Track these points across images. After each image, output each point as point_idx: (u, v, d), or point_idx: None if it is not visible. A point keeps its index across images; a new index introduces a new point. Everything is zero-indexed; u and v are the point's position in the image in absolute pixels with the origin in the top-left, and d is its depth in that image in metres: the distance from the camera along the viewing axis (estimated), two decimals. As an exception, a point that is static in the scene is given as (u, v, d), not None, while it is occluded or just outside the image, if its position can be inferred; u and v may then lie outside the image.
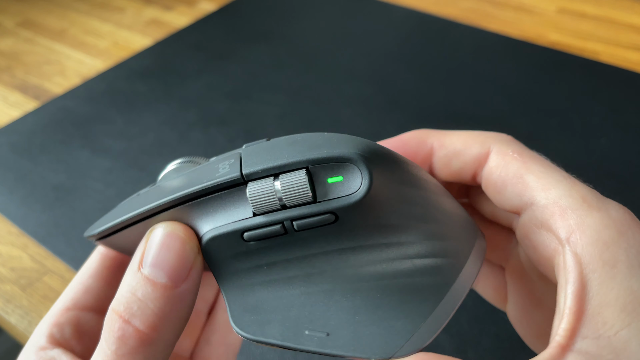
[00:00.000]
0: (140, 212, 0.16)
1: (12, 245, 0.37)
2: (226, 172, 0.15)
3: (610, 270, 0.13)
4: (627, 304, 0.13)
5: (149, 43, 0.59)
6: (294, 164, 0.14)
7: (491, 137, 0.17)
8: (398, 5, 0.64)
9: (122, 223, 0.17)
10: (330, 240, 0.15)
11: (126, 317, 0.15)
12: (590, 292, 0.13)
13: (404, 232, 0.15)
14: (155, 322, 0.15)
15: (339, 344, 0.14)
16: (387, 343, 0.14)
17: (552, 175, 0.15)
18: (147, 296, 0.15)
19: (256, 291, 0.16)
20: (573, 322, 0.13)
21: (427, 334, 0.14)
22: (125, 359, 0.14)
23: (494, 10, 0.63)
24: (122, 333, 0.15)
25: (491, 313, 0.31)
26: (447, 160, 0.18)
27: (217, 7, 0.66)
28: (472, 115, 0.47)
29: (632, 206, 0.15)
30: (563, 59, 0.54)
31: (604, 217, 0.14)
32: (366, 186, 0.14)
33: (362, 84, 0.51)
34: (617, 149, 0.43)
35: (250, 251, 0.15)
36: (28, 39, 0.61)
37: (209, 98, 0.50)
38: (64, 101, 0.50)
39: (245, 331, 0.15)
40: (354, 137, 0.15)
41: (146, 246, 0.15)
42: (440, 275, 0.15)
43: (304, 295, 0.15)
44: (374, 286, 0.15)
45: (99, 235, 0.18)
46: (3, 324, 0.34)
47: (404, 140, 0.19)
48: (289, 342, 0.14)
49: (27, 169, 0.43)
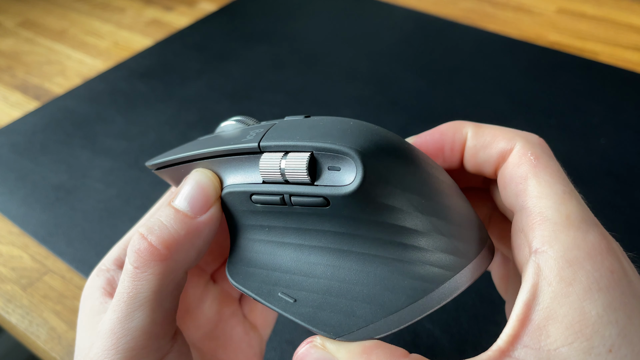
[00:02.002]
0: (186, 155, 0.19)
1: (12, 245, 0.37)
2: (250, 139, 0.17)
3: (566, 288, 0.13)
4: (574, 323, 0.13)
5: (150, 43, 0.60)
6: (301, 146, 0.16)
7: (519, 136, 0.18)
8: (398, 5, 0.64)
9: (173, 161, 0.20)
10: (323, 222, 0.16)
11: (145, 234, 0.17)
12: (540, 304, 0.14)
13: (396, 232, 0.15)
14: (169, 242, 0.17)
15: (299, 311, 0.16)
16: (341, 325, 0.15)
17: (552, 186, 0.16)
18: (168, 219, 0.17)
19: (255, 246, 0.18)
20: (517, 329, 0.14)
21: (384, 327, 0.15)
22: (139, 270, 0.17)
23: (494, 11, 0.63)
24: (138, 247, 0.17)
25: (491, 313, 0.31)
26: (475, 151, 0.19)
27: (217, 7, 0.66)
28: (472, 115, 0.47)
29: (631, 206, 0.15)
30: (562, 59, 0.54)
31: (579, 237, 0.14)
32: (358, 181, 0.15)
33: (362, 84, 0.51)
34: (616, 149, 0.43)
35: (256, 211, 0.17)
36: (29, 39, 0.61)
37: (209, 98, 0.50)
38: (64, 101, 0.51)
39: (232, 277, 0.18)
40: (371, 132, 0.16)
41: (181, 185, 0.18)
42: (424, 282, 0.15)
43: (291, 262, 0.17)
44: (354, 272, 0.16)
45: (156, 166, 0.21)
46: (3, 324, 0.34)
47: (441, 130, 0.19)
48: (260, 297, 0.17)
49: (28, 169, 0.43)
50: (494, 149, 0.18)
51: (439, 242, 0.15)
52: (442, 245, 0.16)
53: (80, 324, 0.19)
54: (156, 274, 0.17)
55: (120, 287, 0.17)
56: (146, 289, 0.17)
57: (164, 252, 0.17)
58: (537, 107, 0.47)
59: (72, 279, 0.35)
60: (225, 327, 0.23)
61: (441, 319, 0.31)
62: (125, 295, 0.17)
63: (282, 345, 0.30)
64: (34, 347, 0.32)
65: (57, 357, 0.31)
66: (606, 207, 0.37)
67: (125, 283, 0.17)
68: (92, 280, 0.20)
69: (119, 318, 0.17)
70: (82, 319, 0.19)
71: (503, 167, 0.17)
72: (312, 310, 0.16)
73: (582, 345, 0.13)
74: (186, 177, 0.19)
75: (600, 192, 0.39)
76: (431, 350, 0.30)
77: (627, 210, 0.37)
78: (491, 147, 0.18)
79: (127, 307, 0.17)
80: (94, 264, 0.35)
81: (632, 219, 0.37)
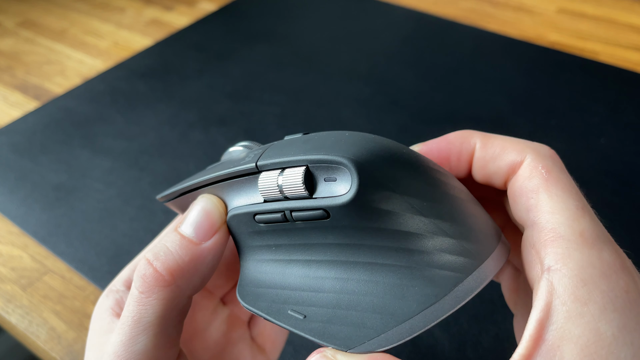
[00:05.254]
0: (192, 184, 0.20)
1: (12, 245, 0.37)
2: (248, 160, 0.17)
3: (581, 308, 0.13)
4: (590, 344, 0.13)
5: (149, 43, 0.59)
6: (295, 161, 0.16)
7: (530, 148, 0.17)
8: (398, 5, 0.64)
9: (181, 190, 0.21)
10: (326, 235, 0.16)
11: (151, 260, 0.17)
12: (554, 323, 0.13)
13: (400, 238, 0.15)
14: (174, 268, 0.17)
15: (309, 327, 0.16)
16: (352, 337, 0.15)
17: (565, 201, 0.15)
18: (173, 245, 0.18)
19: (262, 267, 0.18)
20: (530, 349, 0.13)
21: (395, 336, 0.15)
22: (143, 295, 0.17)
23: (494, 11, 0.63)
24: (144, 272, 0.17)
25: (491, 313, 0.31)
26: (484, 162, 0.18)
27: (217, 7, 0.66)
28: (472, 115, 0.47)
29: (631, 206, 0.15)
30: (563, 59, 0.54)
31: (593, 255, 0.14)
32: (354, 189, 0.14)
33: (362, 84, 0.51)
34: (616, 149, 0.43)
35: (261, 231, 0.18)
36: (28, 39, 0.61)
37: (209, 98, 0.50)
38: (64, 101, 0.51)
39: (243, 299, 0.18)
40: (367, 140, 0.16)
41: (188, 211, 0.19)
42: (434, 287, 0.15)
43: (299, 279, 0.17)
44: (362, 283, 0.16)
45: (166, 198, 0.22)
46: (3, 324, 0.34)
47: (448, 139, 0.19)
48: (270, 316, 0.17)
49: (28, 168, 0.43)
50: (503, 161, 0.17)
51: (445, 244, 0.15)
52: (450, 248, 0.15)
53: (89, 344, 0.20)
54: (160, 299, 0.17)
55: (125, 311, 0.18)
56: (150, 313, 0.17)
57: (168, 278, 0.17)
58: (537, 107, 0.47)
59: (72, 279, 0.35)
60: (233, 350, 0.23)
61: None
62: (130, 319, 0.17)
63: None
64: (34, 347, 0.32)
65: (57, 357, 0.31)
66: (606, 207, 0.37)
67: (130, 307, 0.17)
68: (102, 300, 0.21)
69: (123, 341, 0.17)
70: (91, 338, 0.20)
71: (513, 180, 0.17)
72: (322, 325, 0.16)
73: None
74: (192, 203, 0.19)
75: (600, 192, 0.39)
76: (431, 350, 0.30)
77: (627, 210, 0.37)
78: (501, 158, 0.18)
79: (131, 331, 0.17)
80: (94, 264, 0.35)
81: (632, 219, 0.37)
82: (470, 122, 0.46)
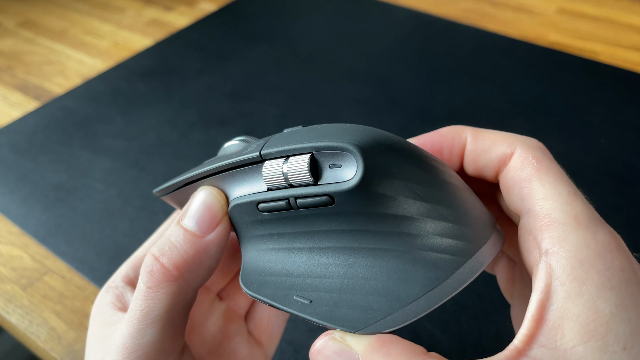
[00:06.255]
0: (191, 175, 0.20)
1: (12, 245, 0.37)
2: (252, 150, 0.17)
3: (579, 287, 0.14)
4: (589, 321, 0.13)
5: (149, 43, 0.60)
6: (300, 149, 0.16)
7: (519, 140, 0.18)
8: (398, 5, 0.64)
9: (179, 183, 0.21)
10: (330, 221, 0.16)
11: (157, 255, 0.18)
12: (554, 304, 0.14)
13: (403, 223, 0.15)
14: (180, 262, 0.18)
15: (316, 311, 0.16)
16: (359, 319, 0.15)
17: (557, 187, 0.16)
18: (178, 240, 0.18)
19: (266, 255, 0.18)
20: (532, 329, 0.14)
21: (401, 318, 0.15)
22: (151, 290, 0.17)
23: (494, 11, 0.63)
24: (151, 268, 0.18)
25: (491, 313, 0.31)
26: (476, 155, 0.19)
27: (217, 7, 0.66)
28: (472, 115, 0.47)
29: (631, 206, 0.16)
30: (562, 59, 0.54)
31: (588, 236, 0.14)
32: (360, 174, 0.15)
33: (362, 84, 0.51)
34: (616, 149, 0.43)
35: (264, 220, 0.18)
36: (29, 39, 0.61)
37: (209, 98, 0.50)
38: (64, 101, 0.51)
39: (247, 287, 0.18)
40: (369, 130, 0.16)
41: (188, 204, 0.19)
42: (437, 270, 0.15)
43: (303, 266, 0.17)
44: (366, 268, 0.16)
45: (164, 192, 0.22)
46: (3, 324, 0.34)
47: (440, 133, 0.20)
48: (275, 302, 0.17)
49: (28, 169, 0.43)
50: (494, 153, 0.18)
51: (446, 229, 0.16)
52: (451, 232, 0.16)
53: (91, 337, 0.20)
54: (168, 294, 0.18)
55: (133, 305, 0.18)
56: (158, 307, 0.18)
57: (175, 273, 0.18)
58: (537, 107, 0.47)
59: (72, 279, 0.35)
60: (230, 344, 0.23)
61: (441, 319, 0.31)
62: (138, 313, 0.18)
63: (282, 345, 0.30)
64: (34, 347, 0.32)
65: (57, 357, 0.31)
66: (606, 207, 0.37)
67: (138, 301, 0.18)
68: (102, 296, 0.21)
69: (131, 334, 0.17)
70: (93, 331, 0.20)
71: (505, 171, 0.18)
72: (329, 309, 0.16)
73: (597, 344, 0.13)
74: (192, 196, 0.19)
75: (600, 192, 0.39)
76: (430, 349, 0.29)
77: (627, 210, 0.37)
78: (491, 151, 0.18)
79: (139, 324, 0.18)
80: (94, 263, 0.35)
81: (632, 219, 0.37)
82: (470, 122, 0.46)
